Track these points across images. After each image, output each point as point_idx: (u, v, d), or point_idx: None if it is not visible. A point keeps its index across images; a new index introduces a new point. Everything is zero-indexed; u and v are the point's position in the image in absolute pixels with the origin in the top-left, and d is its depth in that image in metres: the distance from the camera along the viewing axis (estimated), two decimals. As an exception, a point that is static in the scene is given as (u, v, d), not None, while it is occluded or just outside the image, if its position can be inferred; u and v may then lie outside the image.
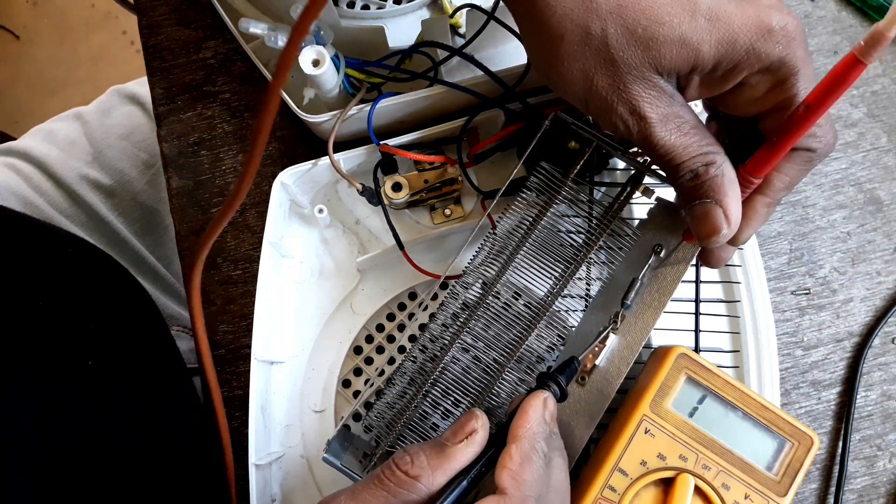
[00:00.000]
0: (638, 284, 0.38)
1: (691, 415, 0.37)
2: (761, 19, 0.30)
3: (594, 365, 0.38)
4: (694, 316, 0.44)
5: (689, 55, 0.31)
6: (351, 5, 0.49)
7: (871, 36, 0.27)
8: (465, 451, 0.32)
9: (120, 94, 0.69)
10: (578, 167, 0.39)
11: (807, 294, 0.50)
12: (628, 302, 0.38)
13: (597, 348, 0.38)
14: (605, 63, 0.31)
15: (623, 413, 0.38)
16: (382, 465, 0.32)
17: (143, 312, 0.56)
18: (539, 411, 0.33)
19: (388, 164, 0.45)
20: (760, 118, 0.34)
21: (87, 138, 0.66)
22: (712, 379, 0.37)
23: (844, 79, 0.29)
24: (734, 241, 0.35)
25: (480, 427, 0.33)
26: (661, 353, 0.39)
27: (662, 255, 0.38)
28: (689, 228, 0.37)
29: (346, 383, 0.47)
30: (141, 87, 0.69)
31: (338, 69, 0.43)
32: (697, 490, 0.36)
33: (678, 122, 0.32)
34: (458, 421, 0.33)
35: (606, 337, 0.38)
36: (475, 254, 0.40)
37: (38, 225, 0.55)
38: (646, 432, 0.37)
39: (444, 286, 0.45)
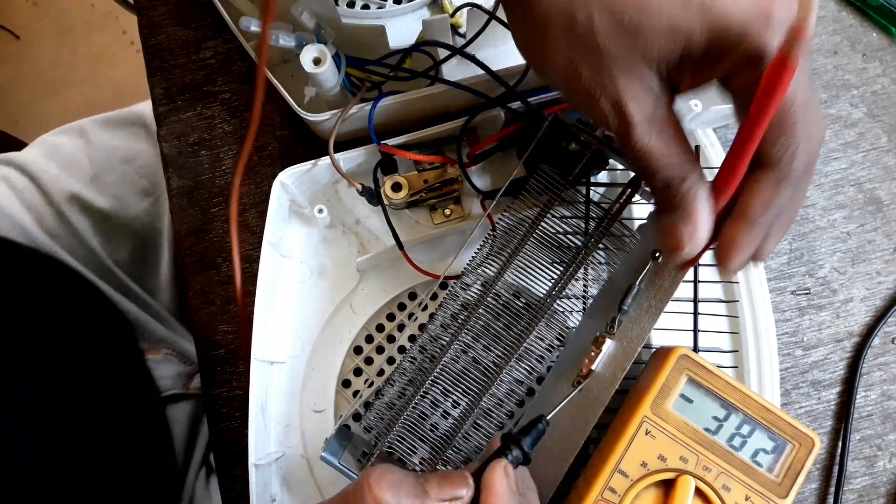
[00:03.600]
0: (635, 290, 0.38)
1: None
2: (762, 5, 0.28)
3: (591, 370, 0.38)
4: (693, 315, 0.44)
5: (678, 44, 0.29)
6: (351, 5, 0.49)
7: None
8: None
9: (130, 114, 0.67)
10: (577, 170, 0.39)
11: (807, 294, 0.50)
12: (626, 307, 0.38)
13: (593, 353, 0.38)
14: (590, 52, 0.29)
15: (623, 414, 0.38)
16: (353, 482, 0.31)
17: (118, 339, 0.55)
18: (503, 483, 0.32)
19: (387, 164, 0.45)
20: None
21: (89, 158, 0.64)
22: (713, 380, 0.37)
23: (779, 81, 0.27)
24: (723, 267, 0.33)
25: (465, 497, 0.32)
26: (661, 354, 0.39)
27: (660, 261, 0.38)
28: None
29: (346, 383, 0.47)
30: (149, 107, 0.68)
31: (339, 68, 0.43)
32: (698, 492, 0.36)
33: (661, 127, 0.30)
34: (447, 476, 0.32)
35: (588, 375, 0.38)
36: (475, 254, 0.40)
37: (14, 246, 0.54)
38: (646, 433, 0.36)
39: (443, 286, 0.45)
